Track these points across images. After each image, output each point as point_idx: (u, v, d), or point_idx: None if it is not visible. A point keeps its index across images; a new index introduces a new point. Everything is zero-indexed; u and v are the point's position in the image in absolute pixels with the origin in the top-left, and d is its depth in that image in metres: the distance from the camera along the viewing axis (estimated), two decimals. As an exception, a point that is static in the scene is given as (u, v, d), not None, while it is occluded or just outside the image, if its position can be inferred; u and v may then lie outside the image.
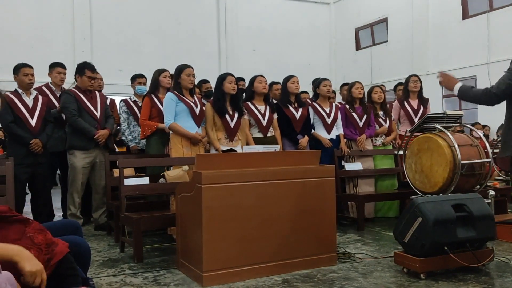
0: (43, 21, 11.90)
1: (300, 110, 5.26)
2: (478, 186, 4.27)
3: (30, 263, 1.73)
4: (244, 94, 5.35)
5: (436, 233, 3.01)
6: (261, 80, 5.01)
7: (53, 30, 11.98)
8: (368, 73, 14.07)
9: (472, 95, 3.38)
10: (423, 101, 5.97)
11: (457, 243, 3.12)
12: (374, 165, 5.65)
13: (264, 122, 4.95)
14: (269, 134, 5.00)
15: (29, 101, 4.77)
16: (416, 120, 5.80)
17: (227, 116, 4.61)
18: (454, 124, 4.53)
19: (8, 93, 4.73)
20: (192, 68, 4.60)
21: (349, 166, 5.39)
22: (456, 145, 4.00)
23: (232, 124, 4.63)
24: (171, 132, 4.55)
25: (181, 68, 4.57)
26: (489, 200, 4.05)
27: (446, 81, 3.49)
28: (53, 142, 5.03)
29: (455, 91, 3.43)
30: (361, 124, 5.55)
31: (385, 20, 14.05)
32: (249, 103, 5.00)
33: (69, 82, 5.54)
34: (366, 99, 5.83)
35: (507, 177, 5.46)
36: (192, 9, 13.62)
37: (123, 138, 5.56)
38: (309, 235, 3.37)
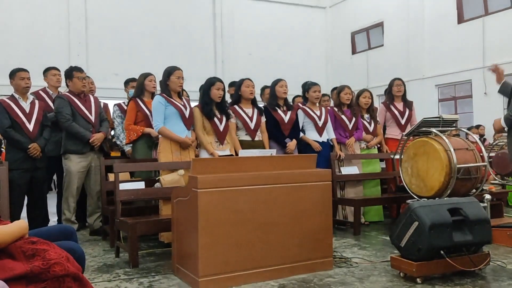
0: (38, 25, 11.87)
1: (289, 113, 5.17)
2: (474, 190, 4.27)
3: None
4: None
5: (432, 237, 3.02)
6: (248, 84, 4.90)
7: (48, 34, 11.95)
8: (364, 77, 14.10)
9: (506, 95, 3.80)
10: (408, 104, 6.00)
11: (454, 247, 3.12)
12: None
13: (252, 125, 4.86)
14: (256, 138, 4.90)
15: (26, 106, 4.73)
16: (403, 122, 5.85)
17: (215, 119, 4.57)
18: (449, 128, 4.54)
19: (4, 98, 4.71)
20: (182, 70, 4.53)
21: (345, 170, 5.38)
22: (452, 149, 4.00)
23: (221, 128, 4.59)
24: (160, 136, 4.49)
25: (170, 70, 4.48)
26: (485, 204, 4.04)
27: (497, 74, 3.98)
28: (51, 147, 5.00)
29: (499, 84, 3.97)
30: (350, 126, 5.54)
31: (381, 24, 14.10)
32: (236, 106, 4.91)
33: (64, 86, 5.52)
34: (354, 101, 5.83)
35: (503, 181, 5.47)
36: (188, 13, 13.62)
37: (118, 142, 5.54)
38: (306, 239, 3.36)
